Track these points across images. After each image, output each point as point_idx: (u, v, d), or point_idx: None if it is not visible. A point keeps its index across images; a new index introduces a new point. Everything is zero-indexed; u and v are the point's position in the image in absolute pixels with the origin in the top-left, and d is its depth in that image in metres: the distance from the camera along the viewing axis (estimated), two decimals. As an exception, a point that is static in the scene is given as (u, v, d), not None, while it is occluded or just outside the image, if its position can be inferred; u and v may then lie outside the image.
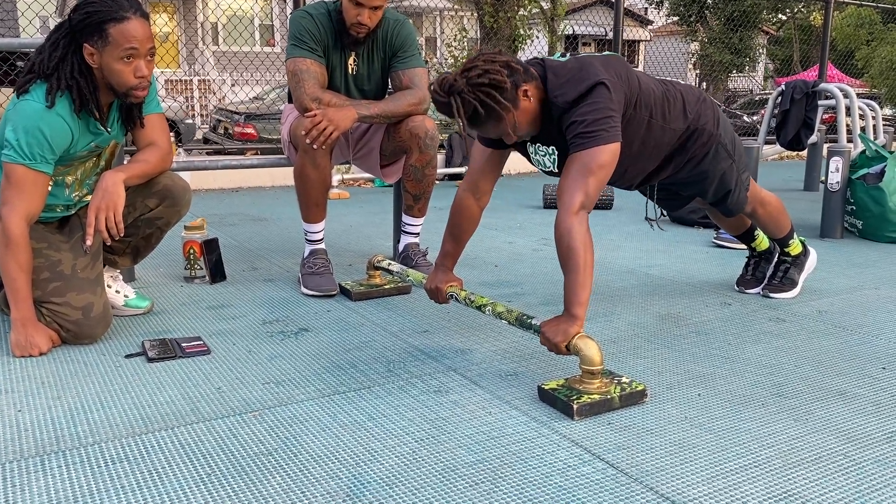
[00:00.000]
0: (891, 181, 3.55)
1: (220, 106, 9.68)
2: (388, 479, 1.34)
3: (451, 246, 2.09)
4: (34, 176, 1.92)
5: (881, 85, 13.13)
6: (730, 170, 2.21)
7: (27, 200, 1.93)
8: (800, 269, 2.59)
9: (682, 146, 2.11)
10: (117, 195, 1.97)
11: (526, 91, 1.79)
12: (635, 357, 1.98)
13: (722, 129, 2.16)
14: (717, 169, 2.19)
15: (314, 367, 1.89)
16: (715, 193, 2.27)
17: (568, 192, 1.75)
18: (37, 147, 1.90)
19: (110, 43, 1.89)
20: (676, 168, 2.16)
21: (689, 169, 2.17)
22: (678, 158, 2.13)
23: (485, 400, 1.69)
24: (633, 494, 1.29)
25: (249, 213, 4.41)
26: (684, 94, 2.10)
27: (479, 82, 1.71)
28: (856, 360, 1.97)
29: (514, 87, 1.76)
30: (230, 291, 2.61)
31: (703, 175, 2.20)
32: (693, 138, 2.10)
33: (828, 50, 7.61)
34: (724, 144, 2.16)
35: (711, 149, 2.14)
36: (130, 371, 1.85)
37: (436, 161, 2.70)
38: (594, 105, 1.79)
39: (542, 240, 3.65)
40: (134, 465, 1.38)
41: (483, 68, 1.72)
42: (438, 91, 1.74)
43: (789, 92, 4.62)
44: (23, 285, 1.94)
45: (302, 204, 2.62)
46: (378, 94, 2.75)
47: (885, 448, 1.48)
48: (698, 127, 2.10)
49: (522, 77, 1.79)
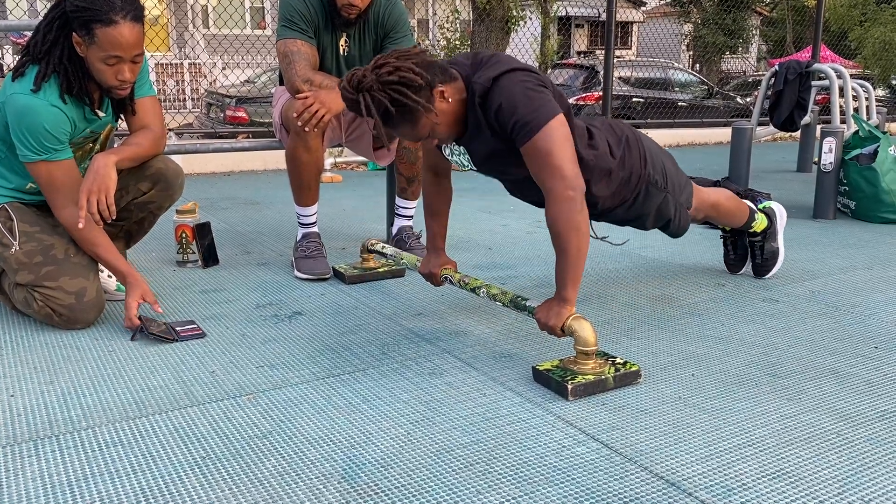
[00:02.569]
0: (883, 161, 3.55)
1: (210, 89, 9.60)
2: (383, 461, 1.34)
3: (435, 224, 2.08)
4: (60, 167, 1.95)
5: (874, 66, 13.11)
6: (664, 202, 2.08)
7: (64, 192, 1.97)
8: (774, 237, 2.53)
9: (614, 192, 1.97)
10: (109, 178, 1.96)
11: (443, 92, 1.68)
12: (629, 338, 1.98)
13: (650, 165, 2.01)
14: (650, 206, 2.06)
15: (308, 350, 1.89)
16: (655, 224, 2.16)
17: (546, 183, 1.68)
18: (45, 141, 1.91)
19: (95, 43, 1.86)
20: (605, 209, 2.02)
21: (624, 211, 2.06)
22: (608, 203, 1.99)
23: (479, 381, 1.70)
24: (628, 474, 1.30)
25: (242, 197, 4.39)
26: (608, 137, 1.96)
27: (389, 80, 1.60)
28: (849, 340, 1.97)
29: (428, 87, 1.65)
30: (223, 275, 2.60)
31: (638, 213, 2.07)
32: (623, 183, 1.97)
33: (821, 30, 7.58)
34: (654, 182, 2.02)
35: (641, 190, 2.01)
36: (124, 355, 1.84)
37: None
38: (521, 88, 1.69)
39: (535, 222, 3.64)
40: (128, 449, 1.38)
41: (394, 65, 1.61)
42: (347, 87, 1.63)
43: (783, 73, 4.61)
44: (115, 259, 2.03)
45: (294, 187, 2.60)
46: None
47: (877, 426, 1.48)
48: (623, 175, 1.96)
49: (439, 77, 1.68)
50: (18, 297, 2.04)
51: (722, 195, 2.35)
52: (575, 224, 1.66)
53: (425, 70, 1.65)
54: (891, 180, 3.54)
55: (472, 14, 7.09)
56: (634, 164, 1.98)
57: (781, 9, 19.93)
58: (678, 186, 2.13)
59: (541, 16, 12.32)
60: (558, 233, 1.67)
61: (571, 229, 1.66)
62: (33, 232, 2.02)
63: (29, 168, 1.95)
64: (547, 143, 1.66)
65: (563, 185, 1.66)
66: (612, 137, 1.97)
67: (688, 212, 2.20)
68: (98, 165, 1.96)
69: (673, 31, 15.29)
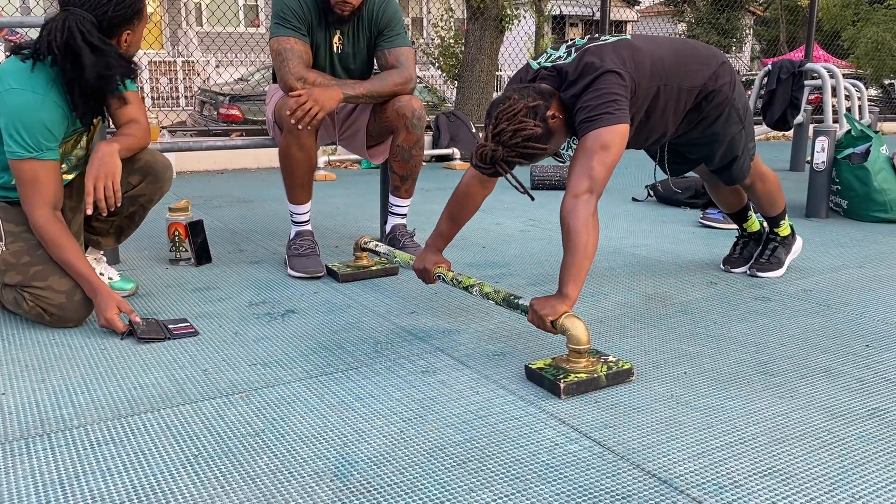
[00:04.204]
0: (875, 161, 3.57)
1: (204, 87, 9.57)
2: (376, 459, 1.34)
3: (447, 227, 2.09)
4: (45, 167, 1.93)
5: (867, 65, 13.16)
6: (739, 136, 2.24)
7: (43, 193, 1.94)
8: (787, 251, 2.61)
9: (696, 105, 2.12)
10: (114, 164, 1.96)
11: (553, 115, 1.83)
12: (622, 336, 1.99)
13: (737, 94, 2.17)
14: (727, 132, 2.21)
15: (301, 349, 1.89)
16: (721, 159, 2.30)
17: (574, 175, 1.77)
18: (41, 137, 1.90)
19: (142, 18, 1.97)
20: (690, 125, 2.17)
21: (702, 129, 2.19)
22: (692, 115, 2.14)
23: (472, 380, 1.70)
24: (620, 472, 1.30)
25: (235, 195, 4.38)
26: (705, 54, 2.12)
27: (514, 143, 1.76)
28: (840, 338, 1.98)
29: (543, 122, 1.79)
30: (216, 274, 2.60)
31: (714, 137, 2.21)
32: (708, 99, 2.11)
33: (814, 30, 7.61)
34: (736, 109, 2.18)
35: (725, 111, 2.15)
36: (115, 353, 1.84)
37: (423, 141, 2.69)
38: (598, 91, 1.83)
39: (529, 221, 3.65)
40: (120, 448, 1.37)
41: (511, 129, 1.75)
42: (482, 166, 1.81)
43: (775, 72, 4.62)
44: (84, 268, 1.97)
45: (287, 185, 2.60)
46: (364, 72, 2.72)
47: (868, 424, 1.49)
48: (715, 88, 2.10)
49: (544, 107, 1.81)
50: (8, 298, 2.03)
51: (772, 175, 2.49)
52: (586, 222, 1.72)
53: (533, 112, 1.79)
54: (882, 179, 3.55)
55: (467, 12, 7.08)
56: (725, 84, 2.12)
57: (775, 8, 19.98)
58: (751, 130, 2.29)
59: (535, 14, 12.33)
60: (570, 228, 1.71)
61: (583, 226, 1.71)
62: (20, 231, 2.00)
63: (13, 165, 1.92)
64: (595, 145, 1.78)
65: (587, 185, 1.75)
66: (711, 57, 2.13)
67: (750, 161, 2.35)
68: (103, 153, 1.95)
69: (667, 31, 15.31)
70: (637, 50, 1.96)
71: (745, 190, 2.48)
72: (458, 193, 2.06)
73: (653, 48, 2.02)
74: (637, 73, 1.93)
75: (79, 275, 1.97)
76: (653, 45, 2.03)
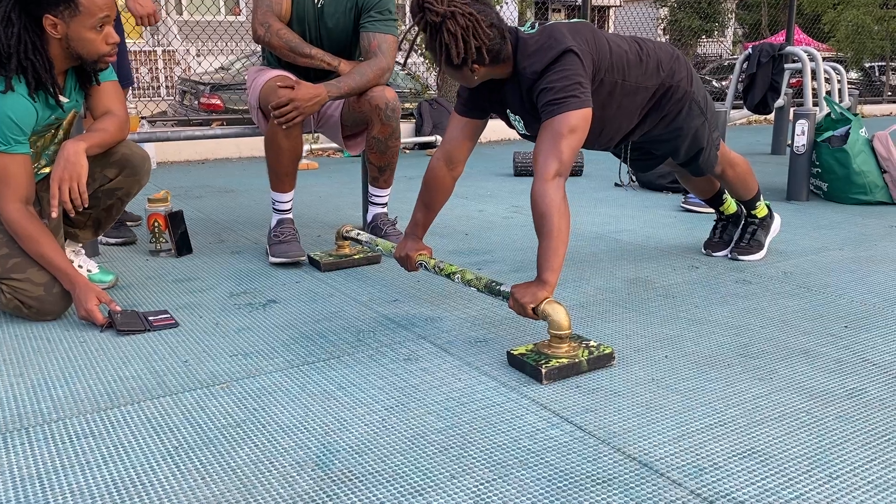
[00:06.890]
0: (855, 143, 3.59)
1: (184, 77, 9.47)
2: (358, 448, 1.34)
3: (422, 215, 2.08)
4: (14, 160, 1.90)
5: (847, 48, 13.22)
6: (702, 128, 2.24)
7: (14, 186, 1.91)
8: (766, 231, 2.63)
9: (656, 104, 2.12)
10: (80, 165, 1.93)
11: (496, 56, 1.81)
12: (603, 321, 1.99)
13: (695, 87, 2.18)
14: (690, 126, 2.21)
15: (283, 338, 1.88)
16: (687, 152, 2.30)
17: (541, 159, 1.76)
18: (8, 131, 1.86)
19: (81, 13, 1.85)
20: (651, 124, 2.17)
21: (664, 126, 2.19)
22: (653, 115, 2.15)
23: (454, 367, 1.70)
24: (601, 456, 1.31)
25: (216, 185, 4.35)
26: (658, 52, 2.11)
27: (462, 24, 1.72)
28: (819, 320, 2.00)
29: (490, 51, 1.78)
30: (197, 264, 2.58)
31: (677, 132, 2.22)
32: (667, 95, 2.12)
33: (794, 14, 7.63)
34: (697, 102, 2.18)
35: (685, 106, 2.16)
36: (94, 346, 1.82)
37: (399, 132, 2.67)
38: (562, 72, 1.80)
39: (512, 207, 3.64)
40: (99, 441, 1.36)
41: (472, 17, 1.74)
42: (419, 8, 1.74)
43: (756, 56, 4.63)
44: (60, 261, 1.95)
45: (272, 172, 2.58)
46: (341, 37, 2.66)
47: (845, 404, 1.51)
48: (672, 84, 2.11)
49: (500, 44, 1.80)
50: (-15, 290, 2.00)
51: (741, 160, 2.49)
52: (559, 206, 1.72)
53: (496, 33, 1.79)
54: (862, 162, 3.58)
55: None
56: (682, 79, 2.13)
57: (757, -8, 20.00)
58: (714, 118, 2.29)
59: (517, 0, 12.28)
60: (543, 213, 1.71)
61: (556, 210, 1.71)
62: (-2, 223, 1.98)
63: None
64: (563, 129, 1.76)
65: (555, 168, 1.75)
66: (664, 54, 2.12)
67: (716, 150, 2.36)
68: (68, 153, 1.93)
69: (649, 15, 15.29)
70: (598, 35, 1.96)
71: (717, 178, 2.48)
72: (427, 179, 2.06)
73: (615, 39, 2.02)
74: (598, 57, 1.92)
75: (55, 268, 1.95)
76: (615, 37, 2.03)
